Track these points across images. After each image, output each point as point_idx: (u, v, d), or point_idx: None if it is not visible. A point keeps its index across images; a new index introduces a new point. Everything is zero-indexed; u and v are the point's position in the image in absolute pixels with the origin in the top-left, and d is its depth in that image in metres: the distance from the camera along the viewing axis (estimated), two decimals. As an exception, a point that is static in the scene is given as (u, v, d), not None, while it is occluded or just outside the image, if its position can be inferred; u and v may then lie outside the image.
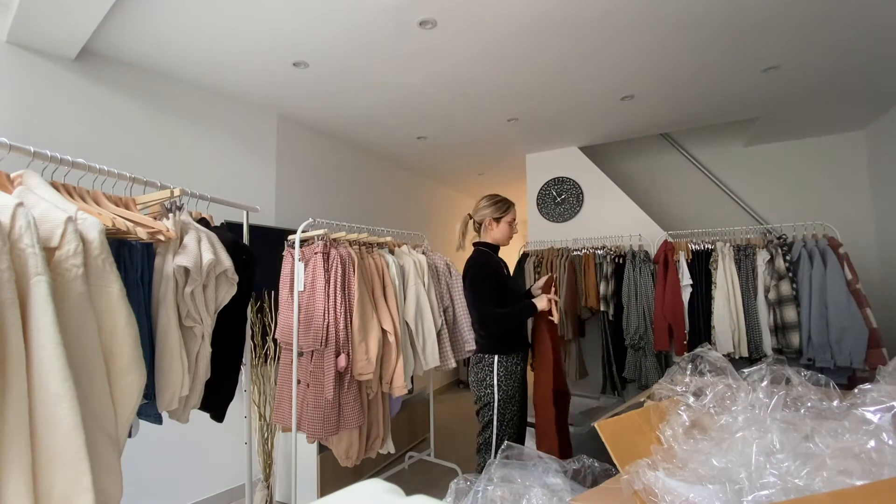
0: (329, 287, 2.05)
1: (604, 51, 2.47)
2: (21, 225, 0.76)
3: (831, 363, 2.59)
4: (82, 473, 0.74)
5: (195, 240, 1.28)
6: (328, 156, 3.79)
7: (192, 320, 1.25)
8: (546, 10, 2.09)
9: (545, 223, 4.30)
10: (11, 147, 1.04)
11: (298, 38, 2.30)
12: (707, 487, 0.68)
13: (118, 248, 1.13)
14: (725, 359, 1.00)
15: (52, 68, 2.18)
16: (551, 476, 0.85)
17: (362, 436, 2.21)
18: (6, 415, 0.70)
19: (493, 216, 2.10)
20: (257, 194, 3.11)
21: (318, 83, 2.81)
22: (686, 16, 2.16)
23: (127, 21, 2.09)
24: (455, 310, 2.65)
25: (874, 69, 2.72)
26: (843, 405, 0.78)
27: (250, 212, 1.92)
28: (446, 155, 4.43)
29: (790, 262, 2.78)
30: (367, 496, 0.83)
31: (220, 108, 2.93)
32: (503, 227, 2.11)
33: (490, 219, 2.11)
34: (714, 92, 3.04)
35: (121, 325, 0.91)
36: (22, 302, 0.74)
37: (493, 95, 3.05)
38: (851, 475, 0.62)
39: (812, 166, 3.97)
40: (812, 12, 2.14)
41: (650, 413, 0.94)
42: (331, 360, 2.01)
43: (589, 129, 3.79)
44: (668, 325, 3.02)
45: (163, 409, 1.23)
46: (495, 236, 2.13)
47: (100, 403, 0.85)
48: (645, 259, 3.36)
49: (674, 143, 4.45)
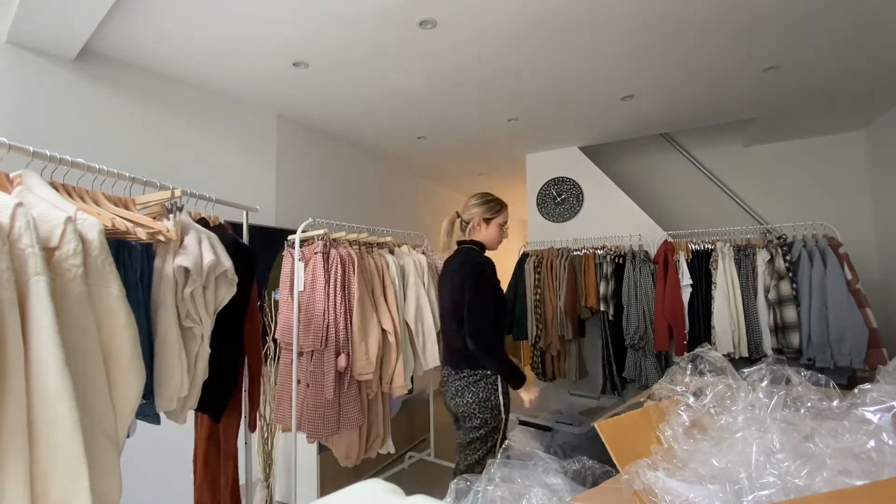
0: (329, 287, 2.06)
1: (604, 51, 2.47)
2: (21, 225, 0.76)
3: (831, 363, 2.59)
4: (80, 474, 0.74)
5: (196, 240, 1.28)
6: (328, 156, 3.79)
7: (192, 321, 1.25)
8: (546, 10, 2.09)
9: (545, 223, 4.30)
10: (11, 147, 1.04)
11: (298, 38, 2.29)
12: (707, 487, 0.68)
13: (118, 248, 1.13)
14: (725, 359, 1.00)
15: (52, 68, 2.18)
16: (551, 476, 0.85)
17: (362, 436, 2.21)
18: (5, 415, 0.70)
19: (484, 216, 1.89)
20: (257, 194, 3.11)
21: (318, 83, 2.81)
22: (686, 16, 2.16)
23: (127, 21, 2.09)
24: (455, 310, 2.65)
25: (874, 69, 2.72)
26: (843, 405, 0.78)
27: (250, 212, 1.92)
28: (446, 155, 4.43)
29: (790, 262, 2.78)
30: (367, 496, 0.83)
31: (220, 108, 2.93)
32: (493, 229, 1.90)
33: (480, 218, 1.89)
34: (714, 92, 3.04)
35: (120, 326, 0.91)
36: (21, 302, 0.74)
37: (493, 95, 3.05)
38: (851, 475, 0.62)
39: (812, 166, 3.97)
40: (812, 12, 2.14)
41: (650, 413, 0.94)
42: (331, 360, 2.01)
43: (589, 129, 3.79)
44: (668, 325, 3.02)
45: (161, 409, 1.23)
46: (484, 237, 1.91)
47: (99, 404, 0.85)
48: (645, 259, 3.36)
49: (674, 143, 4.45)
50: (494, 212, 1.90)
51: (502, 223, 1.92)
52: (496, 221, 1.90)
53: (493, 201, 1.92)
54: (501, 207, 1.92)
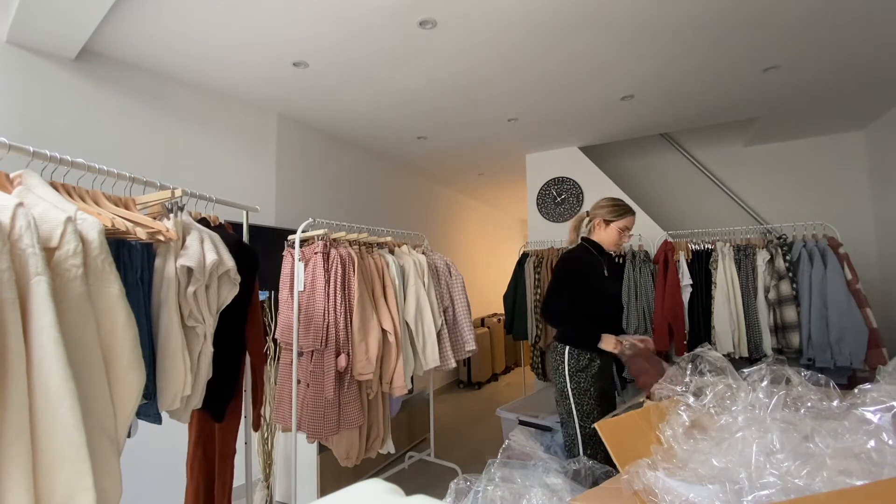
0: (329, 287, 2.06)
1: (604, 51, 2.47)
2: (21, 225, 0.76)
3: (831, 363, 2.59)
4: (83, 473, 0.74)
5: (198, 240, 1.28)
6: (328, 156, 3.79)
7: (195, 320, 1.25)
8: (546, 10, 2.09)
9: (545, 223, 4.30)
10: (11, 147, 1.04)
11: (298, 38, 2.29)
12: (707, 487, 0.68)
13: (118, 248, 1.13)
14: (725, 359, 1.00)
15: (52, 68, 2.18)
16: (551, 476, 0.85)
17: (362, 436, 2.21)
18: (7, 415, 0.70)
19: (606, 217, 2.07)
20: (257, 194, 3.11)
21: (318, 83, 2.81)
22: (686, 15, 2.16)
23: (127, 21, 2.09)
24: (455, 310, 2.65)
25: (874, 69, 2.72)
26: (843, 405, 0.78)
27: (250, 212, 1.92)
28: (446, 155, 4.43)
29: (790, 262, 2.78)
30: (367, 496, 0.83)
31: (220, 108, 2.93)
32: (612, 230, 2.06)
33: (601, 219, 2.08)
34: (714, 92, 3.04)
35: (120, 326, 0.91)
36: (22, 302, 0.74)
37: (493, 95, 3.05)
38: (851, 475, 0.62)
39: (812, 166, 3.97)
40: (812, 12, 2.14)
41: (650, 413, 0.94)
42: (331, 360, 2.01)
43: (589, 129, 3.79)
44: (668, 325, 3.02)
45: (165, 408, 1.23)
46: (601, 237, 2.09)
47: (99, 403, 0.85)
48: (645, 259, 3.36)
49: (674, 143, 4.45)
50: (617, 215, 2.05)
51: (622, 227, 2.05)
52: (616, 224, 2.05)
53: (618, 206, 2.08)
54: (624, 212, 2.06)
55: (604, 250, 2.10)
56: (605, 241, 2.09)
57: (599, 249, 2.10)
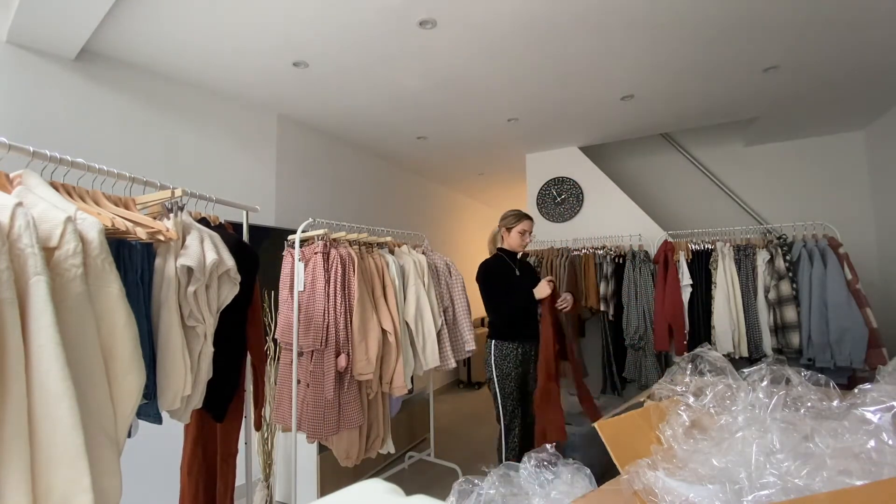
0: (329, 287, 2.05)
1: (604, 51, 2.47)
2: (20, 225, 0.76)
3: (831, 363, 2.59)
4: (82, 473, 0.74)
5: (198, 240, 1.28)
6: (328, 156, 3.79)
7: (195, 320, 1.25)
8: (546, 10, 2.09)
9: (545, 223, 4.30)
10: (11, 147, 1.04)
11: (298, 38, 2.30)
12: (707, 487, 0.68)
13: (118, 248, 1.13)
14: (725, 359, 1.00)
15: (52, 68, 2.18)
16: (553, 477, 0.85)
17: (362, 436, 2.21)
18: (5, 415, 0.70)
19: (507, 225, 2.46)
20: (257, 194, 3.11)
21: (318, 83, 2.81)
22: (686, 15, 2.16)
23: (127, 21, 2.09)
24: (455, 310, 2.65)
25: (874, 69, 2.72)
26: (843, 405, 0.78)
27: (250, 212, 1.92)
28: (446, 155, 4.43)
29: (790, 262, 2.78)
30: (367, 496, 0.83)
31: (220, 107, 2.93)
32: (514, 235, 2.45)
33: (505, 228, 2.48)
34: (714, 92, 3.04)
35: (120, 325, 0.91)
36: (21, 302, 0.74)
37: (493, 95, 3.05)
38: (851, 475, 0.62)
39: (812, 166, 3.97)
40: (812, 12, 2.14)
41: (650, 413, 0.94)
42: (331, 360, 2.01)
43: (589, 129, 3.79)
44: (668, 325, 3.02)
45: (165, 408, 1.23)
46: (509, 242, 2.48)
47: (99, 403, 0.85)
48: (645, 259, 3.36)
49: (674, 143, 4.45)
50: (513, 222, 2.45)
51: (522, 230, 2.45)
52: (516, 229, 2.45)
53: (513, 214, 2.48)
54: (520, 218, 2.46)
55: (514, 254, 2.49)
56: (511, 245, 2.48)
57: (510, 254, 2.48)
